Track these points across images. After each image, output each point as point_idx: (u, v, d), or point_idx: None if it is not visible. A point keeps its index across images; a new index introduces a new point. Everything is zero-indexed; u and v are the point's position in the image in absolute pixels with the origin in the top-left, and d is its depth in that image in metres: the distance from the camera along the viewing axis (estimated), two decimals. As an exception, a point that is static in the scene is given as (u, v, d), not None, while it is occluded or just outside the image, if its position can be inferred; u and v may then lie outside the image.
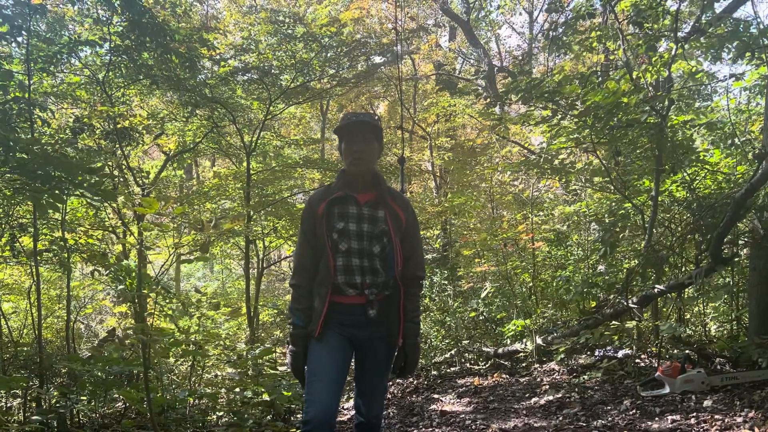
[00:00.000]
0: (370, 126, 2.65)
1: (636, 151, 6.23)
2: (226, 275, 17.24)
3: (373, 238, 2.61)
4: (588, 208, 7.75)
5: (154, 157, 12.65)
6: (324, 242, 2.59)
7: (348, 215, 2.61)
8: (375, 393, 2.78)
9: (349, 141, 2.63)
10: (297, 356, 2.60)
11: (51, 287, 7.72)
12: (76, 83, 7.39)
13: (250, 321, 9.12)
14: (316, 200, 2.67)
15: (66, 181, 3.65)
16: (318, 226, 2.61)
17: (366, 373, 2.73)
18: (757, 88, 6.65)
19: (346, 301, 2.59)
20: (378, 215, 2.63)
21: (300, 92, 9.84)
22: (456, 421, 4.80)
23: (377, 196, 2.66)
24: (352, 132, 2.63)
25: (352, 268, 2.58)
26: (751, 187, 4.70)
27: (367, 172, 2.66)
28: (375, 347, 2.67)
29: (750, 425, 3.67)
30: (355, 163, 2.63)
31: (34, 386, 4.53)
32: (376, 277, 2.60)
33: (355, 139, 2.63)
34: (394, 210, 2.68)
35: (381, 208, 2.65)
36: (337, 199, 2.62)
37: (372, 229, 2.61)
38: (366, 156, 2.63)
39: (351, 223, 2.60)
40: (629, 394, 4.72)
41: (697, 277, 5.22)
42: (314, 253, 2.64)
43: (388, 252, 2.63)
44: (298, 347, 2.60)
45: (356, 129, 2.64)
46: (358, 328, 2.61)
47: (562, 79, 5.96)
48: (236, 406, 4.76)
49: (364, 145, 2.63)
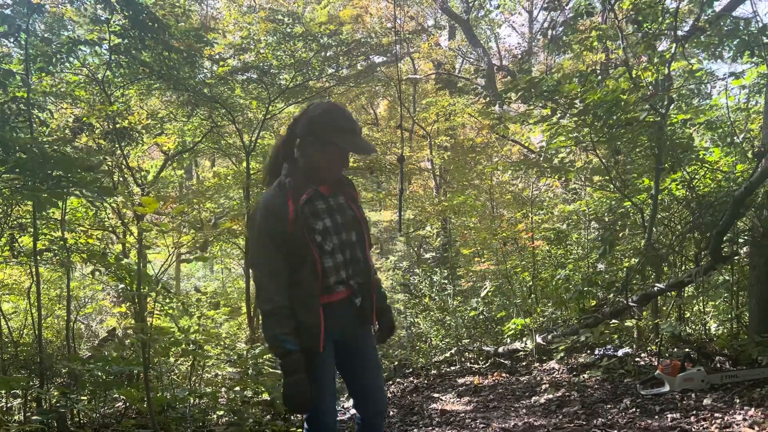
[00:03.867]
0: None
1: (635, 149, 6.23)
2: (226, 275, 17.24)
3: (347, 227, 2.50)
4: (588, 207, 7.76)
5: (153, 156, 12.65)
6: (303, 248, 2.37)
7: (320, 212, 2.44)
8: (380, 385, 2.68)
9: (342, 143, 2.42)
10: (303, 383, 2.32)
11: (51, 287, 7.72)
12: (75, 83, 7.39)
13: (250, 321, 9.13)
14: (278, 205, 2.38)
15: (64, 179, 3.65)
16: (292, 232, 2.36)
17: (367, 369, 2.64)
18: (757, 86, 6.65)
19: (336, 299, 2.47)
20: (341, 202, 2.53)
21: (299, 91, 9.84)
22: (456, 420, 4.80)
23: (333, 184, 2.53)
24: (347, 135, 2.44)
25: (338, 265, 2.46)
26: (750, 186, 4.70)
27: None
28: (365, 338, 2.62)
29: (750, 423, 3.67)
30: (342, 170, 2.50)
31: (35, 386, 4.53)
32: (357, 266, 2.53)
33: (348, 143, 2.44)
34: (348, 192, 2.59)
35: (340, 195, 2.54)
36: (307, 199, 2.41)
37: (343, 219, 2.50)
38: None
39: (327, 220, 2.44)
40: (629, 393, 4.72)
41: (696, 275, 5.22)
42: (287, 266, 2.38)
43: (361, 236, 2.55)
44: (300, 373, 2.32)
45: (356, 134, 2.48)
46: (347, 323, 2.52)
47: (562, 78, 5.96)
48: (236, 405, 4.76)
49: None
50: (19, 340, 6.11)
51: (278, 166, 2.53)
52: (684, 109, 7.06)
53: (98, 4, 5.83)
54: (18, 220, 5.42)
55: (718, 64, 30.32)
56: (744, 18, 5.63)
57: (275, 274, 2.36)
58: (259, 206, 2.43)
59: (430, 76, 17.08)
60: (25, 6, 4.57)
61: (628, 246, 6.90)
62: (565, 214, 8.88)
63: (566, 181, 8.21)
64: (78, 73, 7.42)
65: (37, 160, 3.63)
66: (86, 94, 7.54)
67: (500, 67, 13.48)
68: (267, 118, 9.73)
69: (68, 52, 5.97)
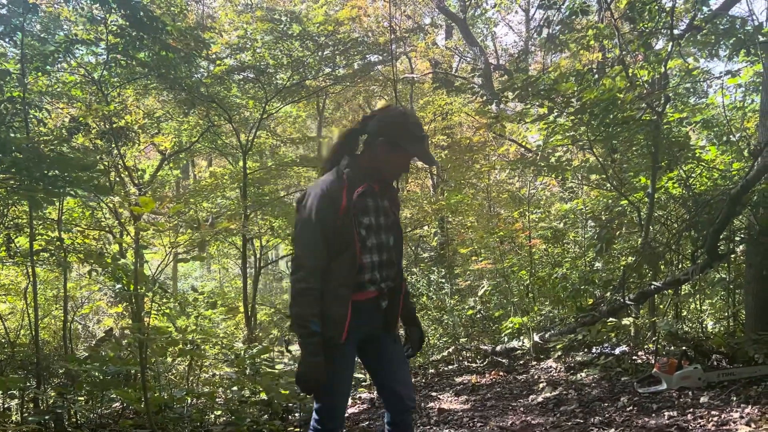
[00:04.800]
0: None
1: (632, 148, 6.24)
2: (224, 275, 17.23)
3: (388, 229, 2.55)
4: (584, 206, 7.77)
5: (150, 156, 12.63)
6: (348, 238, 2.40)
7: (369, 208, 2.48)
8: (407, 382, 2.68)
9: (411, 150, 2.48)
10: (320, 367, 2.33)
11: (48, 287, 7.71)
12: (71, 83, 7.38)
13: (247, 320, 9.13)
14: (334, 191, 2.42)
15: (60, 179, 3.65)
16: (341, 221, 2.40)
17: (393, 366, 2.63)
18: (753, 84, 6.66)
19: (364, 298, 2.48)
20: (386, 204, 2.57)
21: (296, 91, 9.83)
22: (454, 419, 4.80)
23: (384, 186, 2.58)
24: (417, 143, 2.49)
25: (373, 265, 2.49)
26: (746, 184, 4.70)
27: None
28: (390, 338, 2.63)
29: (746, 420, 3.68)
30: (402, 175, 2.60)
31: (32, 387, 4.52)
32: (391, 269, 2.56)
33: (417, 151, 2.50)
34: (393, 197, 2.63)
35: (386, 198, 2.58)
36: (362, 192, 2.45)
37: (386, 221, 2.55)
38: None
39: (373, 218, 2.49)
40: (626, 391, 4.72)
41: (693, 273, 5.23)
42: (327, 253, 2.41)
43: (398, 242, 2.59)
44: (320, 356, 2.34)
45: (425, 143, 2.54)
46: (372, 323, 2.54)
47: (558, 77, 5.96)
48: (234, 405, 4.75)
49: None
50: (16, 340, 6.09)
51: (339, 157, 2.56)
52: (680, 108, 7.08)
53: (94, 3, 5.82)
54: (14, 221, 5.40)
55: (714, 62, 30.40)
56: (740, 17, 5.66)
57: (316, 256, 2.38)
58: (315, 189, 2.45)
59: (427, 75, 17.08)
60: (20, 5, 4.56)
61: (625, 244, 6.91)
62: (562, 213, 8.89)
63: (563, 179, 8.21)
64: (74, 72, 7.40)
65: (33, 160, 3.63)
66: (83, 94, 7.53)
67: (497, 66, 13.48)
68: (264, 118, 9.73)
69: (65, 51, 5.96)
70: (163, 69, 6.87)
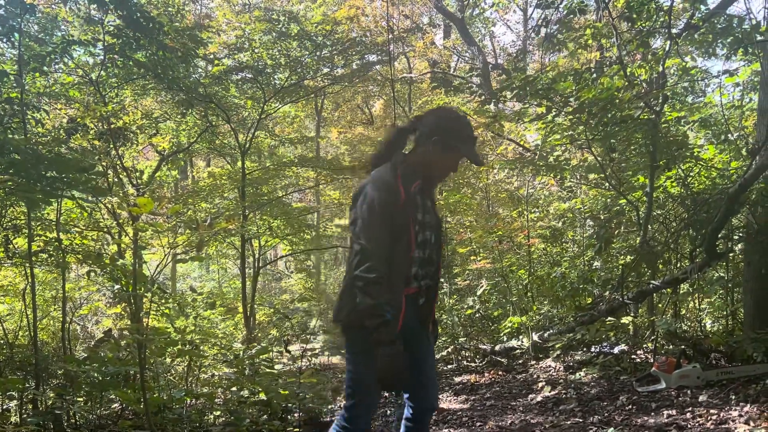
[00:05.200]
0: None
1: (630, 147, 6.24)
2: (223, 275, 17.21)
3: (432, 228, 2.59)
4: (583, 205, 7.77)
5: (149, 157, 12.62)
6: (404, 232, 2.44)
7: (420, 205, 2.53)
8: (435, 381, 2.71)
9: (464, 151, 2.54)
10: (401, 355, 2.28)
11: (46, 288, 7.69)
12: (69, 83, 7.37)
13: (246, 320, 9.12)
14: (395, 183, 2.46)
15: (58, 180, 3.64)
16: (398, 213, 2.42)
17: (424, 364, 2.63)
18: (751, 83, 6.67)
19: (408, 292, 2.50)
20: (429, 204, 2.62)
21: (294, 91, 9.83)
22: (453, 419, 4.81)
23: (429, 185, 2.65)
24: (469, 144, 2.56)
25: (420, 260, 2.53)
26: (744, 183, 4.71)
27: None
28: (423, 335, 2.65)
29: (745, 419, 3.68)
30: (451, 175, 2.66)
31: (30, 388, 4.51)
32: (431, 267, 2.59)
33: (469, 152, 2.55)
34: (434, 197, 2.70)
35: (428, 197, 2.63)
36: (418, 188, 2.51)
37: (431, 220, 2.59)
38: None
39: (422, 214, 2.54)
40: (625, 390, 4.73)
41: (691, 272, 5.24)
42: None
43: (438, 241, 2.63)
44: (400, 344, 2.29)
45: (475, 144, 2.61)
46: (410, 318, 2.53)
47: (556, 76, 5.96)
48: (233, 405, 4.75)
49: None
50: (15, 341, 6.09)
51: (390, 154, 2.60)
52: (678, 107, 7.08)
53: (92, 3, 5.81)
54: (12, 221, 5.39)
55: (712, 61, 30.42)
56: (737, 15, 5.65)
57: (382, 245, 2.38)
58: (375, 180, 2.47)
59: (426, 75, 17.08)
60: (17, 6, 4.55)
61: (623, 243, 6.91)
62: (561, 212, 8.89)
63: (561, 179, 8.21)
64: (72, 73, 7.39)
65: (31, 161, 3.62)
66: (80, 95, 7.52)
67: (495, 66, 13.48)
68: (262, 118, 9.72)
69: (62, 52, 5.95)
70: (161, 69, 6.87)
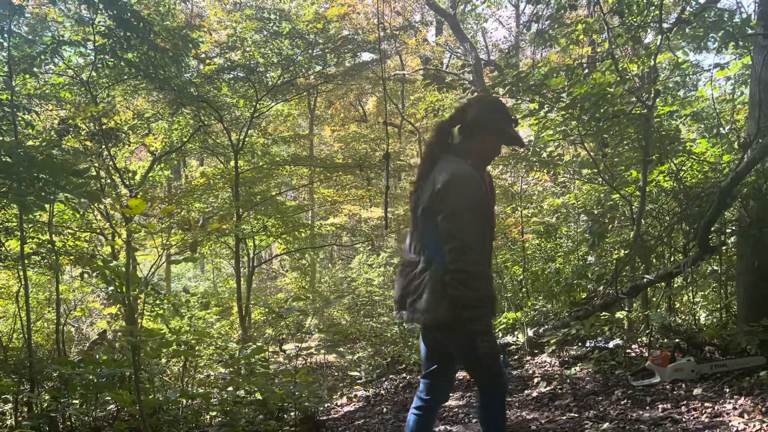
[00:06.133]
0: None
1: (623, 142, 6.25)
2: (217, 275, 17.18)
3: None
4: (576, 200, 7.78)
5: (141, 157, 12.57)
6: (488, 222, 2.53)
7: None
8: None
9: (512, 133, 2.64)
10: (496, 340, 2.51)
11: (40, 290, 7.67)
12: (60, 84, 7.33)
13: (241, 320, 9.11)
14: (478, 176, 2.54)
15: (51, 183, 3.62)
16: (484, 206, 2.52)
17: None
18: (742, 77, 6.69)
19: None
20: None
21: (286, 89, 9.81)
22: (449, 416, 4.81)
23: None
24: (514, 126, 2.66)
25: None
26: (736, 176, 4.72)
27: None
28: None
29: (740, 412, 3.70)
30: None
31: (25, 391, 4.50)
32: (490, 254, 2.68)
33: (515, 134, 2.66)
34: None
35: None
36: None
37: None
38: None
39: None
40: (620, 384, 4.74)
41: (685, 266, 5.26)
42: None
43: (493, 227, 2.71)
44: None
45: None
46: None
47: (548, 72, 5.96)
48: (228, 405, 4.74)
49: None
50: (8, 344, 6.06)
51: (443, 148, 2.64)
52: (670, 101, 7.10)
53: (82, 4, 5.78)
54: (4, 224, 5.37)
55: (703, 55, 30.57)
56: (728, 9, 5.66)
57: (477, 239, 2.44)
58: (462, 175, 2.48)
59: (418, 72, 17.07)
60: (5, 7, 4.52)
61: (617, 238, 6.93)
62: (555, 208, 8.91)
63: (555, 174, 8.22)
64: (63, 74, 7.35)
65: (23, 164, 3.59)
66: (71, 96, 7.48)
67: (487, 62, 13.49)
68: (255, 117, 9.70)
69: (52, 53, 5.92)
70: (151, 69, 6.83)
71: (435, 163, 2.60)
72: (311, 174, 11.85)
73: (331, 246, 16.79)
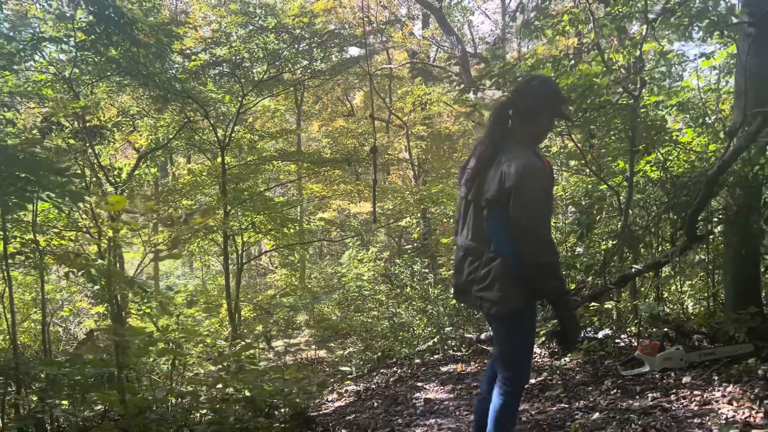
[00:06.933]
0: None
1: (610, 132, 6.25)
2: (206, 272, 17.10)
3: None
4: (564, 192, 7.79)
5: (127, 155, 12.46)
6: (552, 211, 2.63)
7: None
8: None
9: (566, 111, 2.78)
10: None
11: (25, 291, 7.59)
12: (42, 81, 7.23)
13: (231, 317, 9.06)
14: (544, 168, 2.59)
15: (32, 183, 3.56)
16: (550, 196, 2.60)
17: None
18: (727, 66, 6.71)
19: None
20: None
21: (273, 84, 9.74)
22: (440, 409, 4.81)
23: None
24: (565, 104, 2.74)
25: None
26: (722, 165, 4.73)
27: None
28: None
29: (728, 399, 3.72)
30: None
31: (11, 392, 4.44)
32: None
33: (566, 111, 2.78)
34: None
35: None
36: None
37: None
38: None
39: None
40: (610, 374, 4.76)
41: (673, 255, 5.27)
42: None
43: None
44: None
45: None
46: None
47: (535, 63, 5.95)
48: (218, 403, 4.71)
49: None
50: (-6, 346, 5.99)
51: (501, 139, 2.63)
52: (656, 91, 7.11)
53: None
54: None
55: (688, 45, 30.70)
56: (713, -2, 5.65)
57: (549, 229, 2.55)
58: (536, 170, 2.51)
59: (405, 65, 17.03)
60: (-17, 3, 4.44)
61: (605, 229, 6.95)
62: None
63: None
64: (44, 71, 7.25)
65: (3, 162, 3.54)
66: (53, 93, 7.38)
67: (474, 54, 13.48)
68: (241, 112, 9.63)
69: (32, 49, 5.83)
70: (134, 66, 6.76)
71: (497, 151, 2.59)
72: (299, 169, 11.80)
73: (320, 241, 16.75)
